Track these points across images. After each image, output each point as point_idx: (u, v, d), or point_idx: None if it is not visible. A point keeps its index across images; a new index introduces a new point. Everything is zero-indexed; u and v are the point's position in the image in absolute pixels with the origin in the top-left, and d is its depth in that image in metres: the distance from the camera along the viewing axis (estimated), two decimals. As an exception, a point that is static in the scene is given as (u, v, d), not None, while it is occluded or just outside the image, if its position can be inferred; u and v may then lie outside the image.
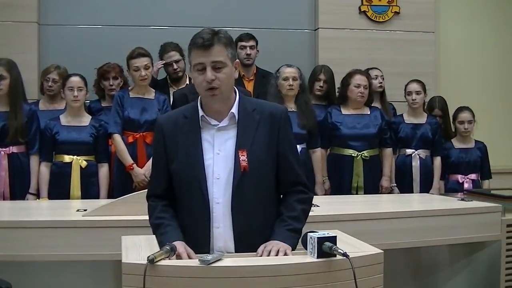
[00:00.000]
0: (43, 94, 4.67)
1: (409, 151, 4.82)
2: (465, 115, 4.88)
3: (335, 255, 1.96)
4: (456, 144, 4.95)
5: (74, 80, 4.21)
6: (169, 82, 4.88)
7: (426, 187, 4.77)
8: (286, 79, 4.40)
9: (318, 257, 1.97)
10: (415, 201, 4.30)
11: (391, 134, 4.81)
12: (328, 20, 5.67)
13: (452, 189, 4.81)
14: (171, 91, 4.78)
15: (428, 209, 3.62)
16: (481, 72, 6.15)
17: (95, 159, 4.29)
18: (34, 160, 4.23)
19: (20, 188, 4.21)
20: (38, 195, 4.21)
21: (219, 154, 2.24)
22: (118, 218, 3.07)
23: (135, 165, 4.25)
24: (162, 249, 1.97)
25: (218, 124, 2.26)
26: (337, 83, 4.84)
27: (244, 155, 2.22)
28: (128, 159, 4.25)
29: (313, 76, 4.89)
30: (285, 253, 2.10)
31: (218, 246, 2.22)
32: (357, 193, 4.51)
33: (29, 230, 3.01)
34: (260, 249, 2.14)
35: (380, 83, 5.06)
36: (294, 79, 4.40)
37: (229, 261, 1.99)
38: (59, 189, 4.19)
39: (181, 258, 2.03)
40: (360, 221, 3.30)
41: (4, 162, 4.17)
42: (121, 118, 4.29)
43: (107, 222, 3.05)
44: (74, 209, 3.39)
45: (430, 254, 3.83)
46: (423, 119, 4.87)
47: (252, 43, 4.99)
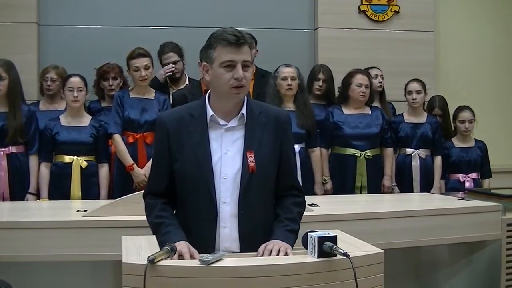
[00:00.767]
0: (43, 95, 4.67)
1: (409, 150, 4.82)
2: (466, 114, 4.88)
3: (336, 255, 1.96)
4: (457, 143, 4.95)
5: (74, 81, 4.21)
6: (169, 83, 4.88)
7: (426, 186, 4.77)
8: (285, 79, 4.40)
9: (318, 256, 1.97)
10: (415, 201, 4.30)
11: (391, 133, 4.81)
12: (328, 19, 5.66)
13: (453, 188, 4.81)
14: (171, 91, 4.78)
15: (428, 208, 3.63)
16: (481, 71, 6.15)
17: (95, 160, 4.29)
18: (33, 160, 4.23)
19: (19, 188, 4.21)
20: (37, 195, 4.22)
21: (227, 154, 2.24)
22: (118, 219, 3.07)
23: (135, 166, 4.25)
24: (162, 249, 1.97)
25: (227, 124, 2.26)
26: (336, 83, 4.84)
27: (252, 156, 2.22)
28: (128, 160, 4.25)
29: (312, 76, 4.89)
30: (285, 252, 2.10)
31: (224, 246, 2.22)
32: (360, 193, 4.51)
33: (29, 230, 3.01)
34: (260, 249, 2.14)
35: (380, 82, 5.06)
36: (293, 78, 4.40)
37: (230, 261, 1.99)
38: (59, 189, 4.19)
39: (183, 258, 2.02)
40: (360, 220, 3.30)
41: (3, 163, 4.18)
42: (121, 118, 4.29)
43: (107, 223, 3.05)
44: (74, 209, 3.39)
45: (431, 253, 3.83)
46: (423, 119, 4.87)
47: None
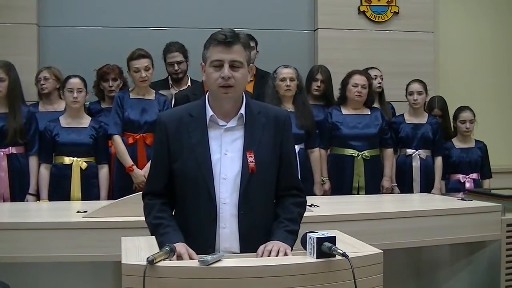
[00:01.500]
0: (40, 98, 4.67)
1: (410, 151, 4.82)
2: (466, 115, 4.89)
3: (335, 255, 1.96)
4: (457, 143, 4.95)
5: (74, 82, 4.21)
6: (171, 83, 4.88)
7: (426, 187, 4.77)
8: (284, 79, 4.40)
9: (317, 257, 1.97)
10: (415, 201, 4.31)
11: (392, 134, 4.81)
12: (327, 20, 5.67)
13: (454, 188, 4.81)
14: (172, 91, 4.78)
15: (428, 209, 3.63)
16: (481, 72, 6.15)
17: (95, 161, 4.29)
18: (33, 161, 4.24)
19: (19, 189, 4.23)
20: (37, 196, 4.23)
21: (227, 154, 2.24)
22: (118, 219, 3.08)
23: (135, 166, 4.25)
24: (162, 250, 1.97)
25: (226, 125, 2.26)
26: (336, 84, 4.84)
27: (251, 156, 2.22)
28: (128, 160, 4.26)
29: (310, 76, 4.89)
30: (285, 253, 2.10)
31: (224, 246, 2.22)
32: (358, 193, 4.51)
33: (29, 231, 3.01)
34: (260, 249, 2.14)
35: (379, 83, 5.06)
36: (291, 79, 4.40)
37: (229, 261, 1.99)
38: (59, 190, 4.19)
39: (182, 259, 2.02)
40: (360, 221, 3.30)
41: (3, 163, 4.19)
42: (121, 119, 4.30)
43: (107, 223, 3.05)
44: (74, 210, 3.39)
45: (431, 253, 3.83)
46: (423, 119, 4.88)
47: (252, 44, 4.98)
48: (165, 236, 2.17)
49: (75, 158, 4.20)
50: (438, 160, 4.85)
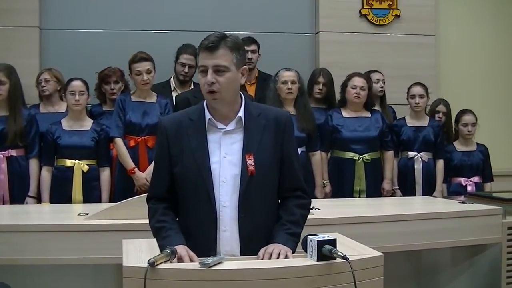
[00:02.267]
0: (41, 99, 4.68)
1: (412, 154, 4.82)
2: (468, 118, 4.88)
3: (335, 258, 1.96)
4: (458, 147, 4.95)
5: (76, 84, 4.21)
6: (173, 85, 4.88)
7: (428, 190, 4.77)
8: (285, 82, 4.41)
9: (318, 260, 1.98)
10: (416, 204, 4.30)
11: (393, 137, 4.81)
12: (329, 23, 5.67)
13: (455, 192, 4.80)
14: (174, 94, 4.78)
15: (429, 212, 3.63)
16: (482, 75, 6.15)
17: (97, 163, 4.29)
18: (33, 164, 4.25)
19: (19, 192, 4.23)
20: (37, 198, 4.23)
21: (226, 157, 2.24)
22: (119, 222, 3.08)
23: (136, 169, 4.26)
24: (163, 253, 1.98)
25: (225, 128, 2.26)
26: (337, 87, 4.84)
27: (251, 159, 2.22)
28: (129, 163, 4.26)
29: (312, 79, 4.89)
30: (285, 255, 2.11)
31: (225, 249, 2.22)
32: (359, 196, 4.51)
33: (30, 234, 3.01)
34: (260, 252, 2.14)
35: (381, 87, 5.07)
36: (293, 82, 4.41)
37: (230, 264, 1.99)
38: (61, 193, 4.19)
39: (183, 261, 2.03)
40: (361, 224, 3.30)
41: (3, 166, 4.20)
42: (123, 122, 4.30)
43: (108, 226, 3.06)
44: (76, 213, 3.39)
45: (432, 256, 3.83)
46: (425, 122, 4.88)
47: (254, 47, 5.00)
48: (166, 239, 2.18)
49: (76, 161, 4.20)
50: (440, 163, 4.85)
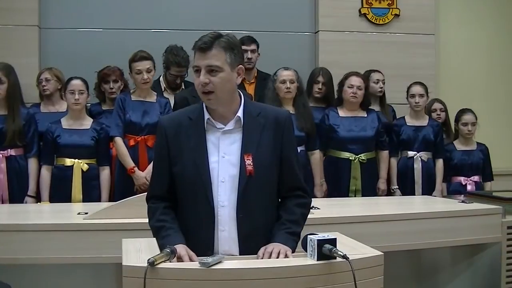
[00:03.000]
0: (42, 99, 4.67)
1: (411, 153, 4.82)
2: (468, 117, 4.88)
3: (335, 257, 1.96)
4: (458, 146, 4.95)
5: (75, 83, 4.21)
6: (164, 86, 4.85)
7: (428, 189, 4.77)
8: (284, 82, 4.41)
9: (318, 259, 1.98)
10: (416, 203, 4.31)
11: (392, 137, 4.82)
12: (328, 22, 5.67)
13: (455, 191, 4.81)
14: (165, 94, 4.77)
15: (428, 211, 3.63)
16: (482, 74, 6.15)
17: (96, 163, 4.29)
18: (32, 163, 4.25)
19: (18, 191, 4.23)
20: (36, 198, 4.23)
21: (224, 157, 2.24)
22: (119, 221, 3.08)
23: (136, 168, 4.26)
24: (163, 252, 1.98)
25: (224, 128, 2.26)
26: (337, 86, 4.84)
27: (249, 159, 2.22)
28: (129, 162, 4.26)
29: (311, 79, 4.89)
30: (285, 255, 2.10)
31: (223, 249, 2.22)
32: (355, 196, 4.51)
33: (30, 233, 3.01)
34: (260, 252, 2.14)
35: (380, 87, 5.05)
36: (292, 81, 4.41)
37: (230, 263, 1.99)
38: (60, 192, 4.19)
39: (182, 261, 2.03)
40: (360, 223, 3.30)
41: (2, 165, 4.20)
42: (123, 121, 4.30)
43: (108, 225, 3.05)
44: (75, 212, 3.38)
45: (431, 256, 3.83)
46: (425, 122, 4.88)
47: (254, 47, 5.00)
48: (166, 239, 2.17)
49: (76, 160, 4.20)
50: (439, 163, 4.85)
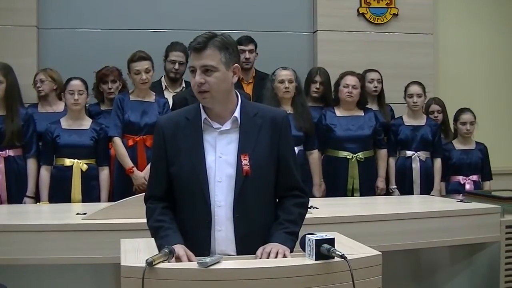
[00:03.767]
0: (39, 100, 4.67)
1: (409, 153, 4.83)
2: (467, 116, 4.88)
3: (333, 257, 1.96)
4: (457, 145, 4.95)
5: (75, 84, 4.21)
6: (165, 84, 4.88)
7: (427, 189, 4.77)
8: (282, 81, 4.41)
9: (316, 259, 1.98)
10: (414, 203, 4.31)
11: (390, 136, 4.82)
12: (327, 22, 5.67)
13: (454, 190, 4.81)
14: (166, 94, 4.78)
15: (427, 210, 3.63)
16: (480, 74, 6.15)
17: (96, 163, 4.29)
18: (31, 163, 4.25)
19: (17, 192, 4.23)
20: (35, 198, 4.23)
21: (221, 157, 2.24)
22: (118, 221, 3.08)
23: (135, 168, 4.26)
24: (161, 252, 1.98)
25: (220, 128, 2.26)
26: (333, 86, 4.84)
27: (246, 159, 2.22)
28: (128, 163, 4.26)
29: (309, 78, 4.89)
30: (284, 255, 2.11)
31: (220, 249, 2.22)
32: (352, 195, 4.52)
33: (28, 233, 3.01)
34: (259, 251, 2.14)
35: (375, 87, 5.04)
36: (290, 81, 4.41)
37: (228, 263, 2.00)
38: (60, 192, 4.19)
39: (180, 261, 2.03)
40: (359, 223, 3.30)
41: (0, 166, 4.19)
42: (121, 121, 4.30)
43: (107, 225, 3.05)
44: (74, 212, 3.39)
45: (430, 255, 3.83)
46: (422, 121, 4.88)
47: (251, 47, 5.00)
48: (164, 239, 2.17)
49: (75, 160, 4.20)
50: (438, 162, 4.85)
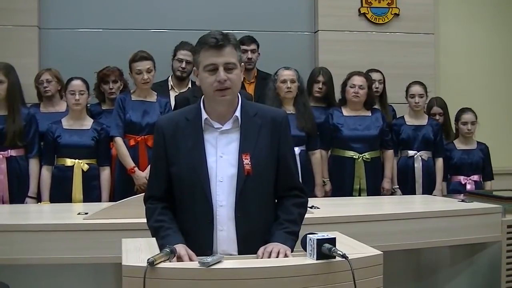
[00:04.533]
0: (41, 99, 4.66)
1: (411, 152, 4.83)
2: (468, 116, 4.88)
3: (335, 257, 1.96)
4: (458, 145, 4.95)
5: (76, 84, 4.21)
6: (171, 84, 4.89)
7: (428, 188, 4.77)
8: (284, 81, 4.41)
9: (317, 258, 1.98)
10: (416, 203, 4.31)
11: (392, 136, 4.82)
12: (328, 22, 5.67)
13: (455, 190, 4.80)
14: (172, 93, 4.79)
15: (428, 210, 3.63)
16: (481, 74, 6.15)
17: (97, 163, 4.29)
18: (33, 164, 4.25)
19: (19, 192, 4.22)
20: (37, 199, 4.23)
21: (222, 157, 2.24)
22: (119, 221, 3.08)
23: (136, 168, 4.26)
24: (162, 252, 1.98)
25: (221, 127, 2.26)
26: (337, 85, 4.84)
27: (247, 159, 2.22)
28: (129, 162, 4.26)
29: (311, 78, 4.89)
30: (285, 254, 2.11)
31: (222, 249, 2.22)
32: (359, 195, 4.52)
33: (30, 233, 3.01)
34: (260, 251, 2.14)
35: (376, 88, 5.03)
36: (292, 81, 4.41)
37: (229, 263, 2.00)
38: (61, 192, 4.19)
39: (182, 260, 2.03)
40: (360, 222, 3.30)
41: (2, 166, 4.19)
42: (123, 121, 4.30)
43: (108, 225, 3.05)
44: (75, 212, 3.39)
45: (431, 255, 3.83)
46: (424, 121, 4.88)
47: (254, 46, 5.00)
48: (165, 239, 2.18)
49: (76, 160, 4.20)
50: (439, 162, 4.85)
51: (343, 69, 4.90)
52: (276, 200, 2.37)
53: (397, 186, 4.81)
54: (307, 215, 2.43)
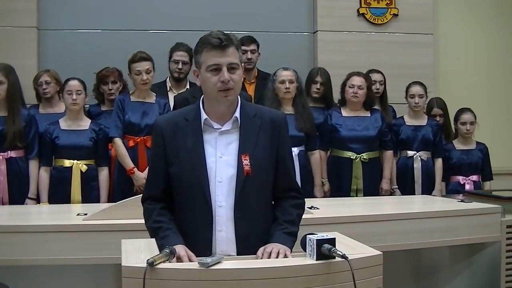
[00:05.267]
0: (40, 101, 4.66)
1: (411, 153, 4.82)
2: (467, 116, 4.88)
3: (334, 257, 1.96)
4: (458, 145, 4.95)
5: (73, 84, 4.21)
6: (169, 85, 4.89)
7: (428, 188, 4.77)
8: (283, 82, 4.40)
9: (317, 259, 1.98)
10: (415, 203, 4.31)
11: (392, 136, 4.82)
12: (327, 22, 5.67)
13: (454, 190, 4.81)
14: (170, 95, 4.79)
15: (427, 210, 3.63)
16: (481, 74, 6.15)
17: (95, 163, 4.29)
18: (33, 165, 4.24)
19: (18, 193, 4.21)
20: (37, 200, 4.22)
21: (222, 157, 2.24)
22: (118, 222, 3.08)
23: (135, 169, 4.26)
24: (162, 252, 1.98)
25: (221, 128, 2.26)
26: (336, 86, 4.84)
27: (247, 159, 2.22)
28: (129, 163, 4.26)
29: (309, 79, 4.88)
30: (284, 255, 2.11)
31: (221, 249, 2.22)
32: (356, 196, 4.51)
33: (29, 234, 3.01)
34: (259, 251, 2.14)
35: (377, 89, 5.03)
36: (291, 82, 4.41)
37: (229, 263, 1.99)
38: (59, 193, 4.19)
39: (181, 261, 2.03)
40: (360, 223, 3.31)
41: (2, 167, 4.18)
42: (122, 122, 4.30)
43: (107, 226, 3.06)
44: (74, 213, 3.39)
45: (430, 255, 3.84)
46: (424, 121, 4.88)
47: (253, 47, 5.00)
48: (165, 239, 2.17)
49: (75, 161, 4.20)
50: (439, 162, 4.85)
51: (342, 69, 4.89)
52: (274, 201, 2.36)
53: (396, 186, 4.81)
54: (306, 216, 2.44)
